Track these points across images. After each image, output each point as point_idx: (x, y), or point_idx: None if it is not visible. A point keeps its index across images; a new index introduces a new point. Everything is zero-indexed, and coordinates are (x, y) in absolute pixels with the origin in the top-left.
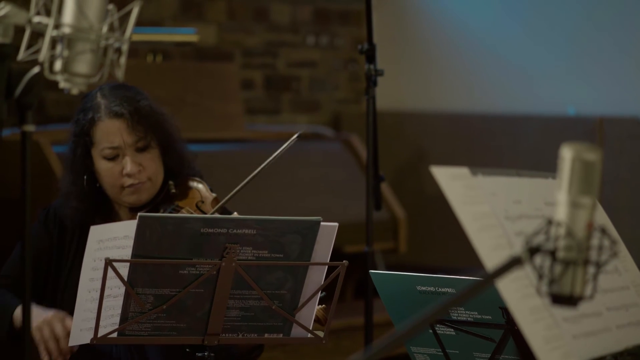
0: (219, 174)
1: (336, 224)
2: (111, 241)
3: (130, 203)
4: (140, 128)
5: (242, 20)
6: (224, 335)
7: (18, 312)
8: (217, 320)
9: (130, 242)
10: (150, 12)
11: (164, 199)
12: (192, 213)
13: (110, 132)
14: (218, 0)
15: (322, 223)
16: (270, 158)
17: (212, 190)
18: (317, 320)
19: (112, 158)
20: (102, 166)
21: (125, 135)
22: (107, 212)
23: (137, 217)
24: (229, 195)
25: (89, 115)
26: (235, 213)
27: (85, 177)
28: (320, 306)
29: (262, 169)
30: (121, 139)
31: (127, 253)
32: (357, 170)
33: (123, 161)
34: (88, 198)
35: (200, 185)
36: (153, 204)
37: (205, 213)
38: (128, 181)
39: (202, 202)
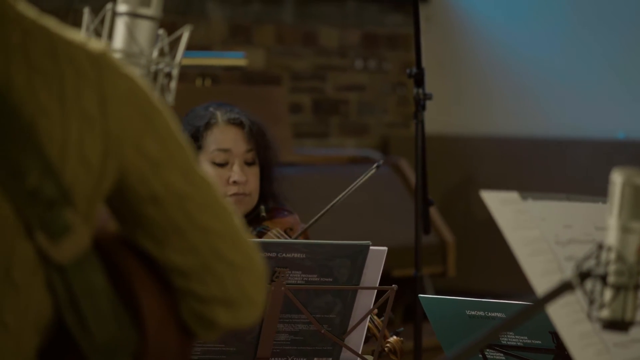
0: None
1: (385, 248)
2: None
3: None
4: (253, 140)
5: (291, 44)
6: (273, 359)
7: None
8: (266, 344)
9: None
10: (199, 37)
11: (254, 219)
12: (279, 237)
13: (227, 137)
14: (267, 25)
15: (371, 247)
16: (350, 188)
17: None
18: (393, 351)
19: (221, 164)
20: (209, 172)
21: (240, 143)
22: None
23: None
24: (310, 222)
25: (204, 119)
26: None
27: None
28: (396, 338)
29: (340, 198)
30: (235, 146)
31: None
32: (406, 194)
33: (232, 169)
34: None
35: (291, 217)
36: (244, 221)
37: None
38: (233, 189)
39: (291, 229)
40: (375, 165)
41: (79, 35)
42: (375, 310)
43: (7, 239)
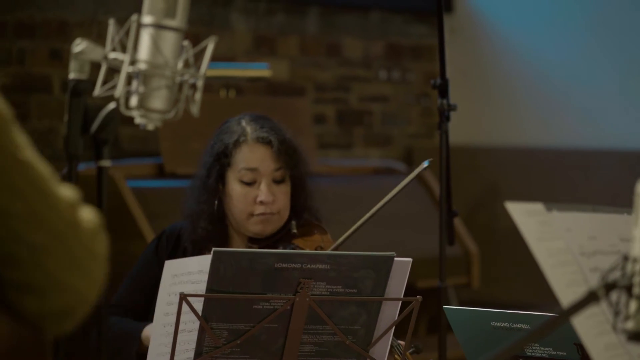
0: None
1: (410, 259)
2: (186, 276)
3: (255, 233)
4: (282, 159)
5: (315, 55)
6: None
7: (146, 333)
8: (291, 355)
9: (205, 277)
10: (223, 48)
11: (283, 236)
12: None
13: (254, 156)
14: (290, 36)
15: (395, 258)
16: (397, 189)
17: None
18: None
19: (249, 183)
20: (237, 190)
21: (268, 162)
22: (223, 239)
23: (212, 252)
24: (345, 235)
25: (233, 137)
26: None
27: (216, 199)
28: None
29: (387, 201)
30: (263, 165)
31: (201, 288)
32: (430, 205)
33: (259, 188)
34: (218, 221)
35: (322, 233)
36: (273, 239)
37: None
38: (259, 209)
39: (322, 247)
40: (424, 164)
41: None
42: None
43: None
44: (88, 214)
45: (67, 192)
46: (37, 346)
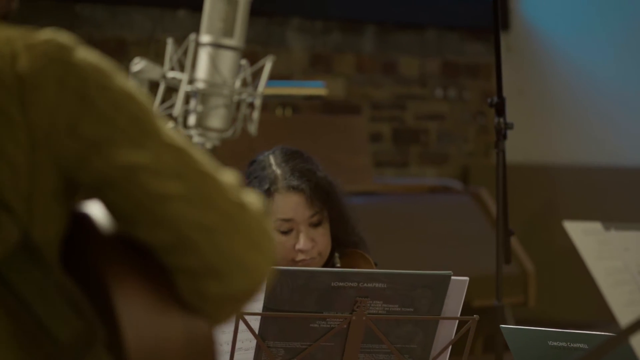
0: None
1: (467, 278)
2: None
3: None
4: (317, 203)
5: (371, 74)
6: None
7: None
8: None
9: (262, 295)
10: (280, 66)
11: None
12: None
13: (288, 205)
14: (347, 54)
15: (452, 277)
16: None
17: (376, 265)
18: None
19: (286, 232)
20: (276, 239)
21: (303, 210)
22: None
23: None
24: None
25: (264, 185)
26: None
27: None
28: None
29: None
30: (298, 214)
31: (258, 306)
32: (486, 224)
33: (298, 236)
34: None
35: (366, 261)
36: None
37: None
38: (300, 256)
39: None
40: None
41: (21, 31)
42: None
43: None
44: (251, 196)
45: (228, 174)
46: (209, 345)
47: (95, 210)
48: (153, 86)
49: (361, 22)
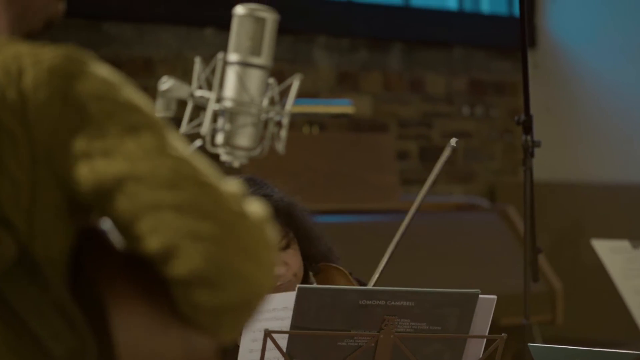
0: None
1: (495, 296)
2: (270, 312)
3: None
4: (279, 227)
5: (398, 91)
6: None
7: None
8: None
9: (289, 314)
10: (307, 84)
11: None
12: None
13: None
14: (373, 72)
15: (480, 295)
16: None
17: (351, 274)
18: None
19: None
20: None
21: None
22: None
23: (296, 289)
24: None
25: None
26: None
27: None
28: None
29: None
30: None
31: (286, 324)
32: (514, 242)
33: None
34: None
35: (342, 274)
36: None
37: None
38: (276, 282)
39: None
40: (452, 143)
41: (33, 46)
42: None
43: None
44: (254, 205)
45: (230, 184)
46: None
47: (106, 225)
48: (181, 105)
49: (388, 39)
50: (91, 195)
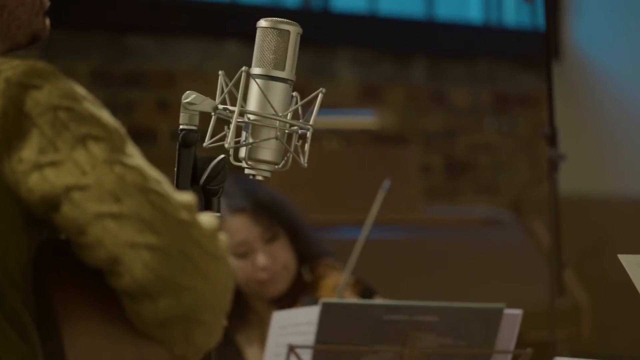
0: (400, 258)
1: (520, 311)
2: (294, 327)
3: (271, 295)
4: (264, 219)
5: (422, 104)
6: None
7: None
8: None
9: (313, 328)
10: (330, 97)
11: (300, 287)
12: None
13: (237, 228)
14: (397, 85)
15: (505, 310)
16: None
17: (359, 280)
18: None
19: (243, 255)
20: (236, 265)
21: (251, 228)
22: (242, 313)
23: (321, 304)
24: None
25: None
26: (377, 295)
27: None
28: None
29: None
30: (248, 233)
31: (309, 339)
32: (539, 256)
33: (254, 256)
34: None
35: (334, 271)
36: (292, 294)
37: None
38: (263, 274)
39: (344, 285)
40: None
41: (4, 60)
42: None
43: None
44: (205, 216)
45: (181, 195)
46: None
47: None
48: (203, 117)
49: (412, 52)
50: (41, 207)
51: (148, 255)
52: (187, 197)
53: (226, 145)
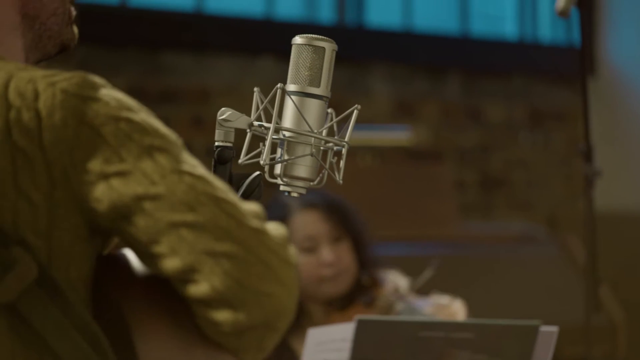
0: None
1: (556, 328)
2: (329, 344)
3: (329, 295)
4: (334, 218)
5: (456, 120)
6: None
7: None
8: None
9: (348, 345)
10: (365, 113)
11: (357, 293)
12: (391, 302)
13: (306, 222)
14: (432, 101)
15: (541, 327)
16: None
17: (411, 278)
18: None
19: (309, 250)
20: (300, 260)
21: (321, 224)
22: (297, 317)
23: (356, 321)
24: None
25: (279, 212)
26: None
27: None
28: None
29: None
30: (317, 228)
31: (344, 356)
32: (574, 272)
33: (321, 252)
34: None
35: (392, 276)
36: (348, 298)
37: (404, 302)
38: (327, 271)
39: (398, 290)
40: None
41: (47, 71)
42: None
43: None
44: (274, 225)
45: (249, 204)
46: None
47: (124, 249)
48: (239, 135)
49: (446, 68)
50: (109, 217)
51: (228, 263)
52: (254, 205)
53: (261, 162)
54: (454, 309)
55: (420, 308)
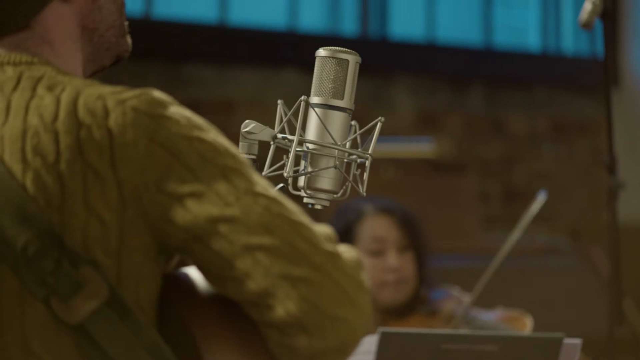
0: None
1: (579, 340)
2: (352, 356)
3: (388, 302)
4: (405, 227)
5: (479, 132)
6: None
7: None
8: None
9: (371, 357)
10: (388, 125)
11: (416, 304)
12: (455, 313)
13: (379, 225)
14: (455, 113)
15: (565, 340)
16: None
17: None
18: None
19: (376, 253)
20: (366, 262)
21: (393, 231)
22: None
23: (379, 333)
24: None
25: (354, 213)
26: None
27: None
28: None
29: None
30: (388, 233)
31: None
32: (598, 284)
33: (387, 256)
34: None
35: (453, 299)
36: (407, 307)
37: (469, 314)
38: (391, 276)
39: (462, 302)
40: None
41: (114, 87)
42: None
43: (17, 310)
44: (346, 248)
45: (321, 227)
46: None
47: (193, 271)
48: (263, 147)
49: (469, 80)
50: (181, 237)
51: (305, 288)
52: (326, 227)
53: (285, 175)
54: (525, 320)
55: (487, 320)
